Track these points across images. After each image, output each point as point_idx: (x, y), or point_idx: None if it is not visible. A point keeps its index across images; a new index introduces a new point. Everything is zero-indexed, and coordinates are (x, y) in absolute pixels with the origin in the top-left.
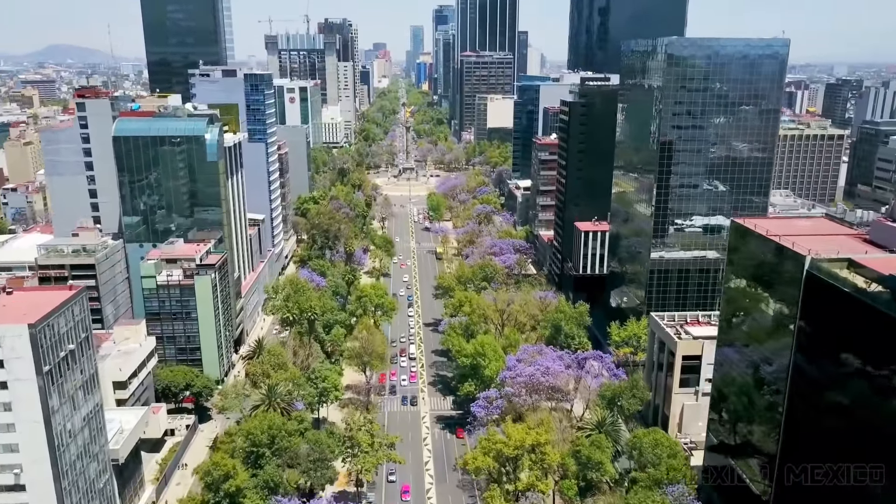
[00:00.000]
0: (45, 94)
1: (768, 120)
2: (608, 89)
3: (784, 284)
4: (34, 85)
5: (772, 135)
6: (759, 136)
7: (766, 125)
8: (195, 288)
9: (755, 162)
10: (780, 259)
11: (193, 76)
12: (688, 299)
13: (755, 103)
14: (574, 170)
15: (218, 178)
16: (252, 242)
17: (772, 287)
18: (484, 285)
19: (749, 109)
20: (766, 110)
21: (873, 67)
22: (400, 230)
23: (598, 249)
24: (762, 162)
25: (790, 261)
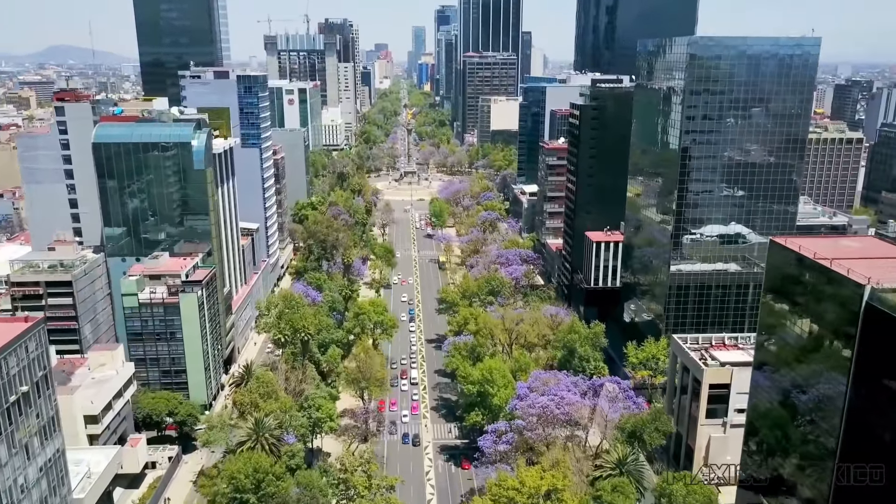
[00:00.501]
0: (43, 95)
1: (797, 124)
2: (621, 91)
3: (837, 314)
4: (31, 86)
5: (801, 140)
6: (788, 141)
7: (795, 129)
8: (180, 307)
9: (782, 169)
10: (832, 286)
11: (184, 78)
12: (707, 317)
13: (783, 106)
14: (585, 176)
15: (206, 188)
16: (245, 253)
17: (821, 315)
18: (490, 300)
19: (777, 112)
20: (795, 114)
21: (877, 68)
22: (401, 237)
23: (611, 261)
24: (790, 169)
25: (845, 289)
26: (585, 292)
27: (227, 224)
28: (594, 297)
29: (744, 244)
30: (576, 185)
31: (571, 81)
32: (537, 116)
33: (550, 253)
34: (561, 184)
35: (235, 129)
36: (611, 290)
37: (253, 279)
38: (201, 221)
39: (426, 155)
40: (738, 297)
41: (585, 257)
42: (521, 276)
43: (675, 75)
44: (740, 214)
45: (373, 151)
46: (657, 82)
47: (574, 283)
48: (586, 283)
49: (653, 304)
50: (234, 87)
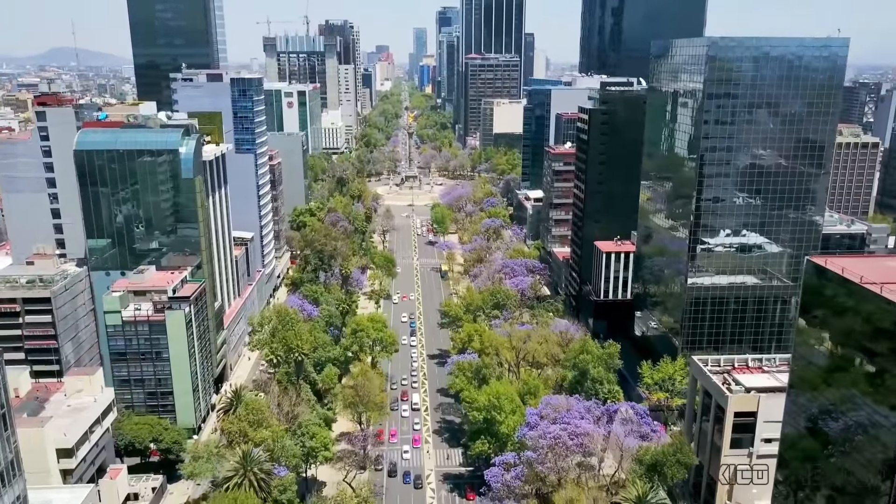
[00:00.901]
0: None
1: (823, 129)
2: (632, 95)
3: (889, 346)
4: (29, 88)
5: (827, 146)
6: (813, 147)
7: (821, 135)
8: (166, 325)
9: (807, 176)
10: (886, 314)
11: (175, 80)
12: (726, 333)
13: (809, 110)
14: (594, 183)
15: (195, 197)
16: (238, 265)
17: (868, 345)
18: (495, 314)
19: (802, 117)
20: (822, 118)
21: (879, 69)
22: (402, 244)
23: (622, 272)
24: (815, 176)
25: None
26: (595, 305)
27: (218, 234)
28: (604, 310)
29: (766, 256)
30: (584, 193)
31: (577, 84)
32: (542, 120)
33: (557, 262)
34: (568, 190)
35: (229, 135)
36: (621, 303)
37: (247, 291)
38: (190, 233)
39: (428, 158)
40: (760, 312)
41: (594, 268)
42: (528, 287)
43: (692, 78)
44: (761, 224)
45: (373, 155)
46: (673, 85)
47: (582, 295)
48: (595, 294)
49: (667, 318)
50: (227, 90)
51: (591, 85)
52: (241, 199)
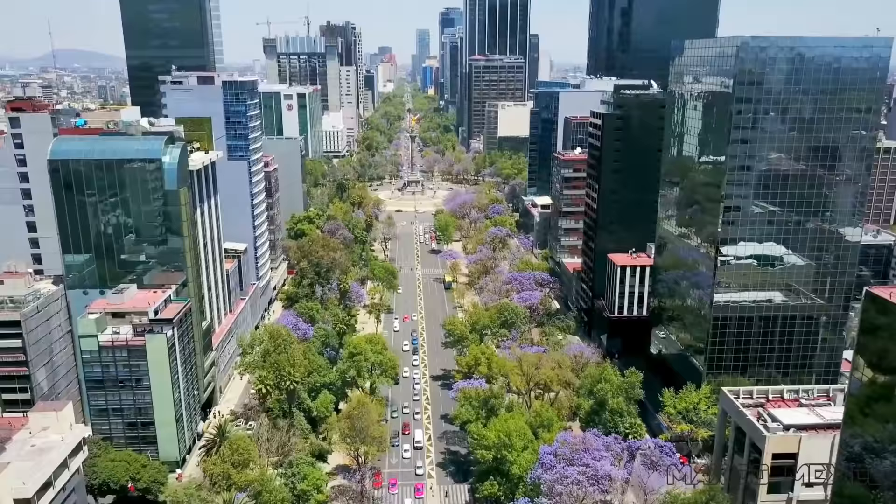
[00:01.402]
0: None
1: (863, 135)
2: (648, 99)
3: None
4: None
5: (867, 153)
6: (852, 154)
7: (861, 141)
8: (146, 350)
9: (844, 185)
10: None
11: (164, 84)
12: (751, 354)
13: (848, 114)
14: (608, 192)
15: (180, 210)
16: (230, 279)
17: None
18: (503, 333)
19: (840, 122)
20: (861, 123)
21: None
22: (404, 253)
23: (637, 287)
24: (854, 186)
25: None
26: (608, 322)
27: (207, 248)
28: (618, 328)
29: (796, 271)
30: (597, 202)
31: (586, 86)
32: (549, 123)
33: (567, 274)
34: (578, 198)
35: (221, 141)
36: (636, 320)
37: (239, 306)
38: (175, 248)
39: (430, 162)
40: (789, 332)
41: (608, 282)
42: (537, 303)
43: (720, 79)
44: (793, 237)
45: (375, 159)
46: (696, 87)
47: (595, 310)
48: (609, 311)
49: (687, 336)
50: (219, 93)
51: (601, 87)
52: (234, 208)
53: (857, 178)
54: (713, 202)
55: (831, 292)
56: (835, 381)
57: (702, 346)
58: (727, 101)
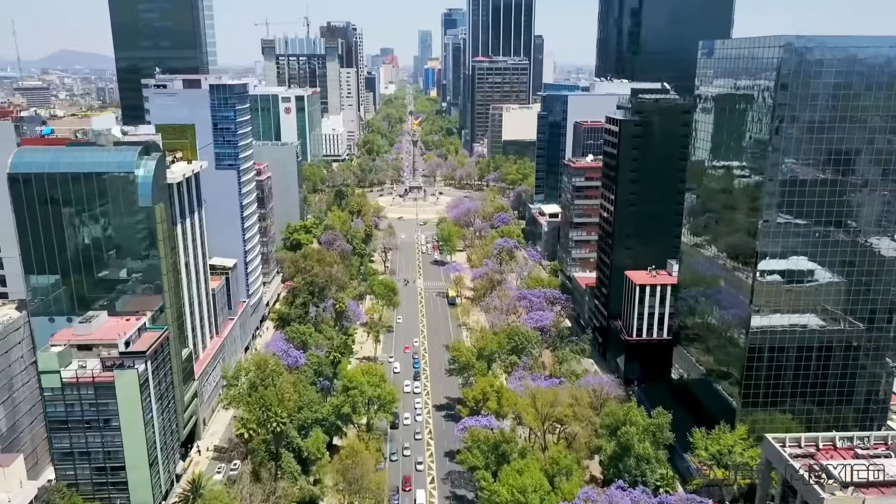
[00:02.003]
0: (37, 101)
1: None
2: (668, 104)
3: None
4: (25, 92)
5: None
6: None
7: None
8: (115, 386)
9: None
10: None
11: (146, 87)
12: (791, 384)
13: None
14: (624, 204)
15: (155, 228)
16: (216, 299)
17: None
18: (513, 360)
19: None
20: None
21: None
22: (405, 264)
23: (657, 308)
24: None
25: None
26: (626, 345)
27: (190, 267)
28: (637, 352)
29: (846, 293)
30: (612, 214)
31: (596, 89)
32: (557, 128)
33: (579, 290)
34: (590, 208)
35: (208, 149)
36: (657, 344)
37: (227, 328)
38: (150, 270)
39: (433, 167)
40: (833, 359)
41: (625, 302)
42: (549, 324)
43: (758, 83)
44: (843, 254)
45: (376, 163)
46: (730, 91)
47: (611, 331)
48: (627, 333)
49: (717, 365)
50: (206, 98)
51: (612, 90)
52: (222, 221)
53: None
54: (750, 215)
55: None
56: (882, 415)
57: (733, 376)
58: (767, 107)
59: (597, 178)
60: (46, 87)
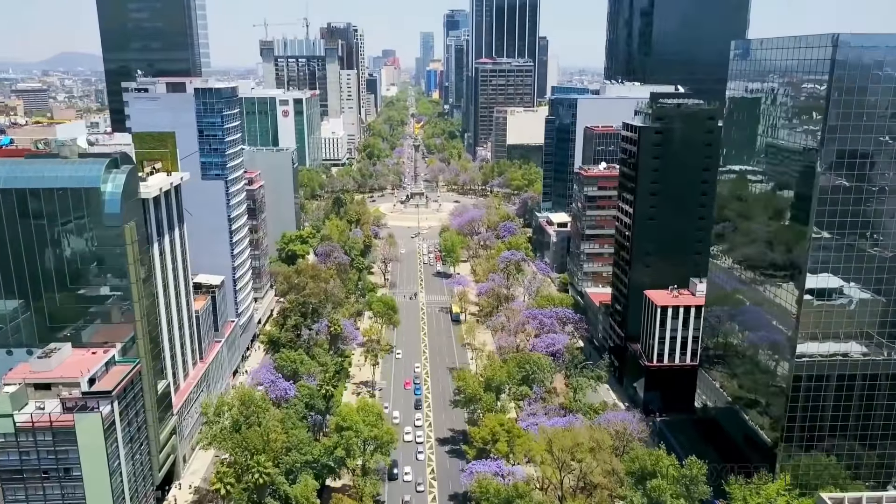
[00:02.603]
0: (34, 103)
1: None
2: (692, 109)
3: None
4: (22, 94)
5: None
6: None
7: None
8: (76, 433)
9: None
10: None
11: (127, 91)
12: (848, 426)
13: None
14: (643, 218)
15: (125, 250)
16: (200, 321)
17: None
18: (524, 391)
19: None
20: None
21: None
22: (406, 276)
23: (680, 331)
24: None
25: None
26: (646, 371)
27: (169, 289)
28: (657, 378)
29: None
30: (630, 229)
31: (607, 92)
32: (566, 133)
33: (592, 307)
34: (603, 219)
35: (193, 158)
36: (679, 370)
37: (213, 351)
38: (120, 297)
39: (435, 171)
40: (868, 400)
41: (645, 324)
42: (562, 349)
43: (808, 85)
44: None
45: (376, 168)
46: (771, 96)
47: (627, 353)
48: (647, 357)
49: (749, 396)
50: (191, 102)
51: (623, 94)
52: (209, 235)
53: None
54: (794, 230)
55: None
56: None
57: (770, 409)
58: (818, 109)
59: (610, 187)
60: (44, 88)
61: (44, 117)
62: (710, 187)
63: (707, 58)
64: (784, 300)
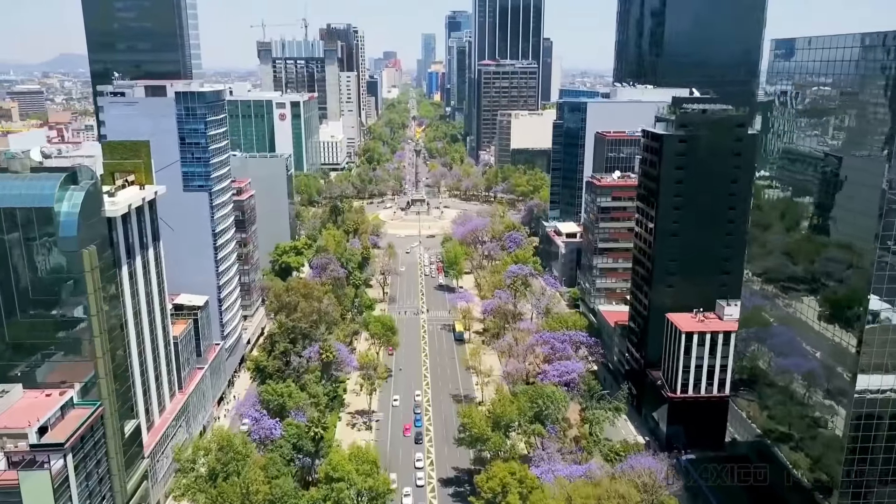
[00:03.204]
0: (30, 106)
1: None
2: (719, 116)
3: None
4: (16, 96)
5: None
6: None
7: None
8: (21, 493)
9: None
10: None
11: (101, 95)
12: (886, 468)
13: None
14: (665, 233)
15: (84, 278)
16: (180, 348)
17: None
18: (537, 430)
19: None
20: None
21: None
22: (407, 289)
23: (706, 359)
24: None
25: None
26: (669, 403)
27: (141, 315)
28: (682, 411)
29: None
30: (650, 245)
31: (618, 96)
32: (575, 138)
33: (606, 327)
34: (617, 232)
35: (174, 168)
36: (706, 402)
37: (194, 380)
38: (78, 331)
39: (437, 176)
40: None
41: (668, 351)
42: (577, 379)
43: (869, 88)
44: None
45: (376, 173)
46: (822, 98)
47: (646, 380)
48: (670, 389)
49: (772, 424)
50: (171, 107)
51: (635, 97)
52: (192, 251)
53: None
54: (857, 247)
55: None
56: None
57: (818, 450)
58: (883, 117)
59: (625, 197)
60: (41, 90)
61: (38, 118)
62: (738, 201)
63: (721, 59)
64: (840, 326)
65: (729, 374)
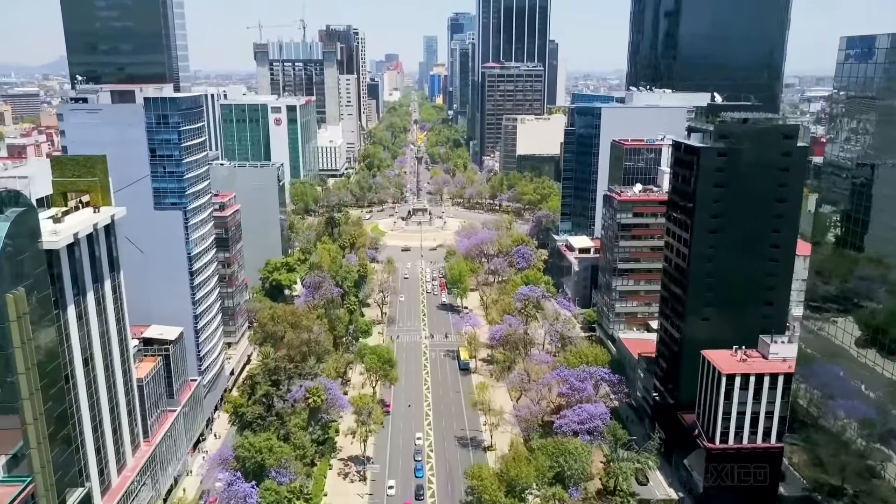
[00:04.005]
0: (25, 109)
1: None
2: (763, 126)
3: None
4: (10, 99)
5: None
6: None
7: None
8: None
9: None
10: None
11: (63, 102)
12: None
13: None
14: (701, 259)
15: (6, 329)
16: (146, 392)
17: None
18: (558, 494)
19: None
20: None
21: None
22: (407, 310)
23: (750, 405)
24: None
25: None
26: (707, 454)
27: (95, 360)
28: (722, 464)
29: None
30: (684, 272)
31: (634, 101)
32: (588, 146)
33: (628, 357)
34: (639, 252)
35: (145, 184)
36: (750, 453)
37: (165, 424)
38: (1, 393)
39: (439, 183)
40: None
41: (704, 394)
42: (602, 428)
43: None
44: None
45: (376, 180)
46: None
47: (678, 424)
48: (709, 438)
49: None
50: (140, 115)
51: (653, 102)
52: (164, 277)
53: None
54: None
55: None
56: None
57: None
58: None
59: (648, 213)
60: (38, 93)
61: (31, 121)
62: (785, 223)
63: (741, 61)
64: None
65: (776, 421)
